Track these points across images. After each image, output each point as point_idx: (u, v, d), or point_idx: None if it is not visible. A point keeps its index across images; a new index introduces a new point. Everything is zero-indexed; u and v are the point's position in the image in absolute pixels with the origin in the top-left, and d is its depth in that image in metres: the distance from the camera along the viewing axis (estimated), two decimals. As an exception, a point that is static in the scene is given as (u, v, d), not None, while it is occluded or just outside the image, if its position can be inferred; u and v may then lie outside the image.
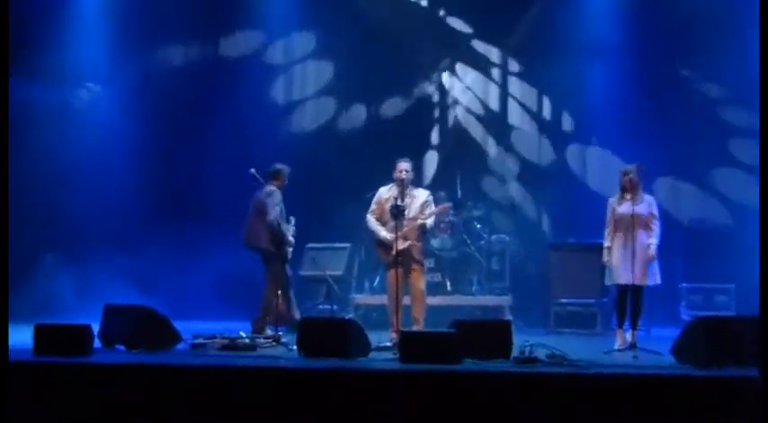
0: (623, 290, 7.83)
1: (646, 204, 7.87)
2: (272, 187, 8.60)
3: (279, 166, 8.78)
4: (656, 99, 10.83)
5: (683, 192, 10.91)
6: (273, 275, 8.57)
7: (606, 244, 7.91)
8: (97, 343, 7.21)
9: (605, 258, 7.91)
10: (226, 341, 7.62)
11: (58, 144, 11.18)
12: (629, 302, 7.79)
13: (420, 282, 8.19)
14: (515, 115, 11.68)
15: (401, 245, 8.02)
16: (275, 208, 8.48)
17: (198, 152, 11.62)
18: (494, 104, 11.82)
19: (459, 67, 11.98)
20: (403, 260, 8.05)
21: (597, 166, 11.15)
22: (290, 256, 8.68)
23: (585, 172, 11.30)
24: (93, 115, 11.51)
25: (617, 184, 7.93)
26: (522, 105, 11.69)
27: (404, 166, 8.20)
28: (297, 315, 8.71)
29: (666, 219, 8.01)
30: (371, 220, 8.29)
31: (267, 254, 8.57)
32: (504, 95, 11.73)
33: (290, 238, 8.64)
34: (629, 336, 7.70)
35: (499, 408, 5.80)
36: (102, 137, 11.44)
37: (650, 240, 7.78)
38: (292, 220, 8.77)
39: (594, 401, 5.76)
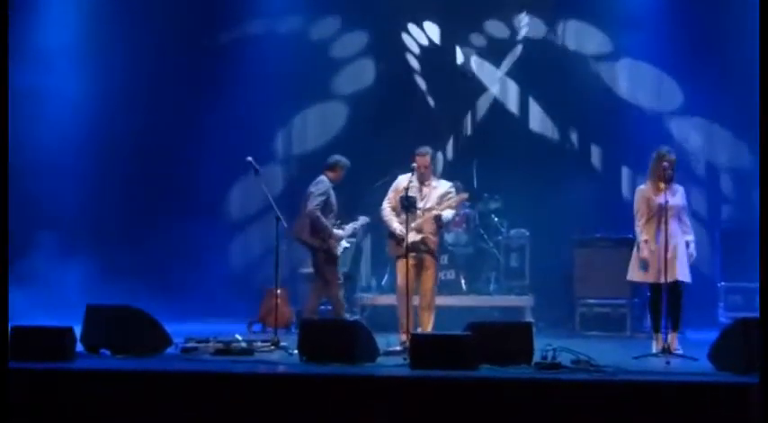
0: (657, 288, 7.77)
1: (680, 194, 7.85)
2: (322, 177, 8.74)
3: (336, 157, 8.88)
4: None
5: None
6: (328, 273, 8.66)
7: (644, 237, 7.79)
8: (79, 347, 7.19)
9: (644, 254, 7.77)
10: (220, 345, 7.63)
11: (36, 130, 11.19)
12: (668, 302, 7.72)
13: (431, 280, 8.20)
14: (539, 99, 11.62)
15: (413, 237, 8.01)
16: (318, 198, 8.58)
17: (193, 139, 11.62)
18: (515, 88, 11.78)
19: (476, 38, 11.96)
20: (415, 255, 8.05)
21: (630, 151, 11.08)
22: (336, 253, 8.68)
23: (616, 159, 11.25)
24: (67, 101, 11.48)
25: (648, 169, 7.87)
26: (546, 87, 11.64)
27: (421, 154, 8.21)
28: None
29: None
30: (386, 209, 8.33)
31: (311, 248, 8.69)
32: (526, 91, 11.67)
33: (338, 232, 8.68)
34: (670, 339, 7.61)
35: (519, 418, 5.77)
36: (81, 124, 11.45)
37: (688, 237, 7.78)
38: (362, 219, 8.88)
39: (623, 411, 5.73)
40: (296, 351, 7.18)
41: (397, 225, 8.17)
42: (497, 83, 11.87)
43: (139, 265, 11.04)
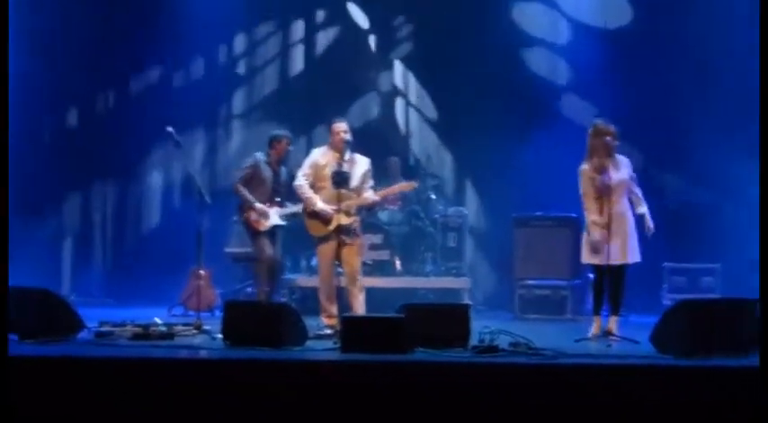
0: (601, 270, 7.81)
1: (624, 168, 7.76)
2: (256, 152, 8.91)
3: (273, 132, 9.01)
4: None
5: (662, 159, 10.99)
6: (253, 249, 8.87)
7: (592, 217, 7.70)
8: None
9: (596, 236, 7.68)
10: (138, 329, 7.51)
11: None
12: (609, 285, 7.78)
13: (356, 259, 8.17)
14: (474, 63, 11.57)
15: (344, 220, 8.00)
16: (242, 170, 8.81)
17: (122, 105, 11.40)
18: (449, 60, 11.72)
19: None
20: (340, 236, 8.02)
21: (569, 127, 11.14)
22: (257, 227, 8.70)
23: (555, 135, 11.31)
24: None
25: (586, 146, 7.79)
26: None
27: (342, 127, 8.15)
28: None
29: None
30: (305, 186, 8.21)
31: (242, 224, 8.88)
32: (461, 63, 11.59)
33: (260, 206, 8.67)
34: (610, 323, 7.69)
35: (454, 403, 5.79)
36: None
37: (641, 210, 7.73)
38: (291, 206, 8.70)
39: (563, 395, 5.79)
40: (220, 335, 7.12)
41: (321, 205, 8.07)
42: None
43: (49, 242, 10.82)
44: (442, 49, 11.47)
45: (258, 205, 8.68)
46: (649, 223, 7.75)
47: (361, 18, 11.85)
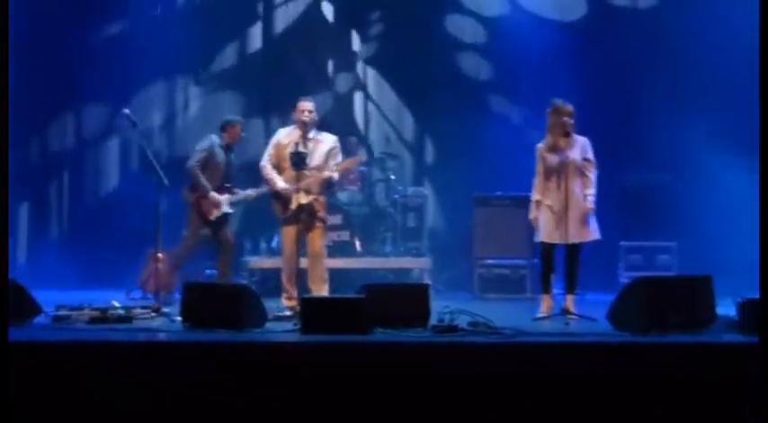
0: (550, 248, 7.87)
1: (579, 148, 7.80)
2: (210, 135, 9.00)
3: (228, 117, 9.16)
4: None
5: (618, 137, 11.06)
6: (188, 230, 9.00)
7: (535, 197, 7.89)
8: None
9: (532, 215, 7.90)
10: (96, 312, 7.47)
11: None
12: (565, 263, 7.85)
13: (320, 241, 8.14)
14: (435, 50, 11.59)
15: (303, 199, 7.96)
16: (197, 154, 8.90)
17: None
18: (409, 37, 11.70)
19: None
20: (303, 216, 8.00)
21: (524, 107, 11.21)
22: (208, 216, 8.86)
23: (513, 114, 11.37)
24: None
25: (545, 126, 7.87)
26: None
27: (307, 106, 8.10)
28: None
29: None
30: (267, 167, 8.19)
31: (187, 202, 8.95)
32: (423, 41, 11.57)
33: (214, 195, 8.81)
34: (567, 301, 7.77)
35: (414, 382, 5.82)
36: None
37: (586, 191, 7.76)
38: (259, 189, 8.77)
39: (522, 373, 5.83)
40: (179, 318, 7.09)
41: (282, 184, 8.06)
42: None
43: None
44: (403, 39, 11.48)
45: (212, 194, 8.79)
46: (590, 205, 7.76)
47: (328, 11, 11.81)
